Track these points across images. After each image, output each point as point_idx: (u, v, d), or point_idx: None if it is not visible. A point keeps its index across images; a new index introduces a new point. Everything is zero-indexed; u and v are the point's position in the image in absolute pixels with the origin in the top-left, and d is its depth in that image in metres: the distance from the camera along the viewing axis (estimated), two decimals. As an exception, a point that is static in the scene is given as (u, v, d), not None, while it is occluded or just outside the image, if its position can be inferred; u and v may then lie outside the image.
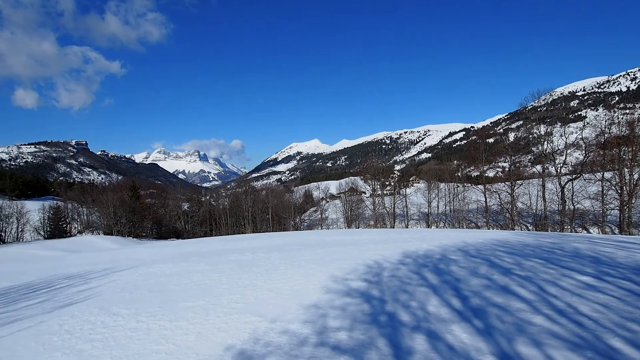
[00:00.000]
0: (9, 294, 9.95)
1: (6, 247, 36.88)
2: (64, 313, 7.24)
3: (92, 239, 42.53)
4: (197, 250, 18.15)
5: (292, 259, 11.40)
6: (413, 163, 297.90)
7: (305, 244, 16.56)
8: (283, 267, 10.04)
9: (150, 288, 8.91)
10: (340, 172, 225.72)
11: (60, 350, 5.29)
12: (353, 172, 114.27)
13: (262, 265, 10.74)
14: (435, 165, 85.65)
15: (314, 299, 6.77)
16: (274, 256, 12.51)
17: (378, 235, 18.43)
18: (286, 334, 5.28)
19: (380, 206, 47.49)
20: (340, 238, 18.31)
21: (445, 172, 48.63)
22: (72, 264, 16.99)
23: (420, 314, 5.64)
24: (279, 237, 23.83)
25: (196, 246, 21.81)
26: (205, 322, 6.00)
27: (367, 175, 54.33)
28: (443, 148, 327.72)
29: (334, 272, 8.74)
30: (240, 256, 13.30)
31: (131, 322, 6.31)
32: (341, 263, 9.84)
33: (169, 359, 4.74)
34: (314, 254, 12.39)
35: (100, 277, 11.33)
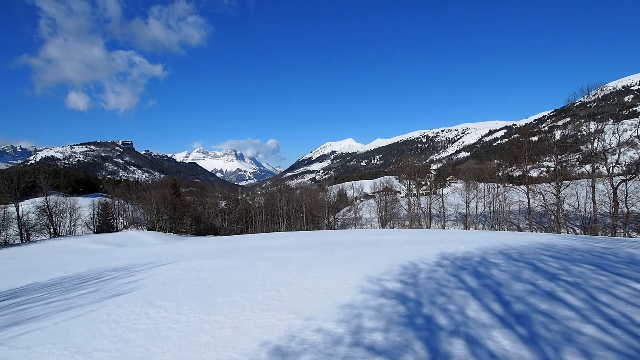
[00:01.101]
0: (62, 284, 10.67)
1: (60, 240, 39.68)
2: (111, 303, 7.66)
3: (136, 234, 44.75)
4: (233, 247, 18.62)
5: (326, 258, 11.42)
6: (450, 162, 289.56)
7: (339, 243, 16.54)
8: (317, 266, 10.08)
9: (190, 282, 9.24)
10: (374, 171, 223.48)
11: (109, 338, 5.60)
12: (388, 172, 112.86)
13: (297, 263, 10.84)
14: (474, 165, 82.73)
15: (348, 298, 6.74)
16: (308, 255, 12.59)
17: (413, 236, 18.08)
18: (320, 332, 5.29)
19: (415, 206, 46.55)
20: (374, 238, 18.13)
21: (484, 171, 46.81)
22: (118, 257, 17.96)
23: (458, 318, 5.47)
24: (312, 235, 23.96)
25: (233, 243, 22.39)
26: (242, 317, 6.14)
27: (402, 174, 53.39)
28: (482, 147, 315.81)
29: (368, 272, 8.66)
30: (275, 254, 13.50)
31: (172, 314, 6.57)
32: (376, 263, 9.74)
33: (208, 352, 4.89)
34: (348, 253, 12.35)
35: (144, 271, 11.89)
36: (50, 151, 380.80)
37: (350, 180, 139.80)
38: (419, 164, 57.42)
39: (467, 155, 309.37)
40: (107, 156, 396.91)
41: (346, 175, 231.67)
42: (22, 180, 44.43)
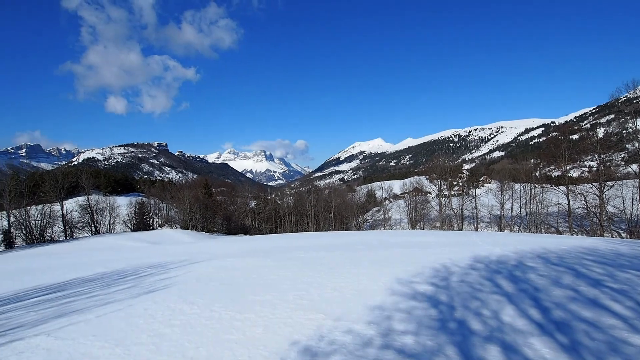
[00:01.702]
0: (103, 279, 11.21)
1: (101, 237, 41.73)
2: (147, 299, 7.97)
3: (170, 232, 46.33)
4: (263, 247, 18.90)
5: (356, 259, 11.37)
6: (483, 162, 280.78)
7: (368, 244, 16.42)
8: (346, 267, 10.05)
9: (222, 280, 9.46)
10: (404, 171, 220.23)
11: (146, 333, 5.83)
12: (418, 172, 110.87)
13: (326, 263, 10.85)
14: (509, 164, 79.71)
15: (378, 300, 6.68)
16: (337, 255, 12.57)
17: (445, 238, 17.66)
18: (350, 333, 5.27)
19: (447, 207, 45.46)
20: (404, 239, 17.87)
21: (520, 171, 44.98)
22: (153, 255, 18.67)
23: (493, 323, 5.29)
24: (341, 236, 23.93)
25: (263, 242, 22.74)
26: (272, 316, 6.22)
27: (433, 174, 52.24)
28: (518, 146, 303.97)
29: (398, 274, 8.54)
30: (305, 254, 13.58)
31: (205, 311, 6.75)
32: (406, 265, 9.58)
33: (239, 349, 4.98)
34: (377, 254, 12.24)
35: (178, 268, 12.28)
36: (92, 153, 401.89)
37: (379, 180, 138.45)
38: (450, 163, 55.91)
39: (502, 154, 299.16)
40: (144, 157, 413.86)
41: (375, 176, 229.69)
42: (66, 180, 47.08)
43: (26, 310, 7.66)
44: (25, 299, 8.93)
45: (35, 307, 7.89)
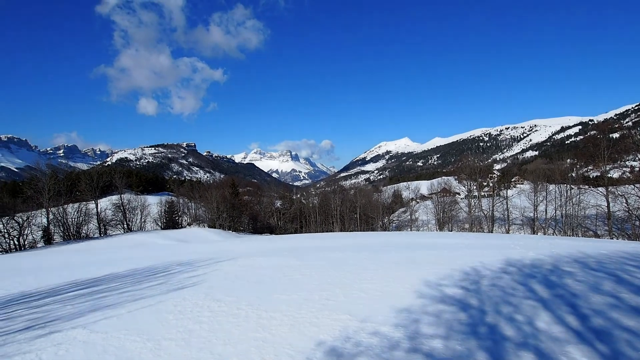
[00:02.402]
0: (134, 275, 11.59)
1: (132, 234, 43.27)
2: (177, 295, 8.16)
3: (198, 231, 47.46)
4: (289, 246, 19.01)
5: (382, 260, 11.22)
6: (516, 162, 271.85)
7: (394, 245, 16.19)
8: (372, 268, 9.93)
9: (248, 279, 9.57)
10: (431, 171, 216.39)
11: (175, 328, 5.96)
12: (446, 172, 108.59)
13: (352, 264, 10.76)
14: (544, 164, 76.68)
15: (405, 302, 6.55)
16: (363, 256, 12.46)
17: (475, 240, 17.17)
18: (377, 335, 5.18)
19: (476, 208, 44.24)
20: (432, 241, 17.51)
21: (555, 171, 43.09)
22: (182, 253, 19.16)
23: (527, 329, 5.06)
24: (367, 236, 23.74)
25: (288, 242, 22.87)
26: (298, 315, 6.21)
27: (461, 175, 50.92)
28: (553, 145, 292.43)
29: (426, 276, 8.35)
30: (330, 254, 13.54)
31: (233, 309, 6.83)
32: (434, 267, 9.36)
33: (266, 347, 5.00)
34: (404, 256, 12.03)
35: (206, 266, 12.53)
36: (124, 153, 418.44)
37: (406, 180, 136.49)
38: (480, 163, 54.32)
39: (535, 154, 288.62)
40: (173, 157, 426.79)
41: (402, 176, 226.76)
42: (100, 179, 49.15)
43: (63, 304, 8.01)
44: (63, 293, 9.34)
45: (72, 301, 8.24)
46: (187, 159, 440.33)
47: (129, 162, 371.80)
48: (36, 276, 12.96)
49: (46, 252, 30.96)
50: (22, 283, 11.39)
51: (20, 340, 5.78)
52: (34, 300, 8.60)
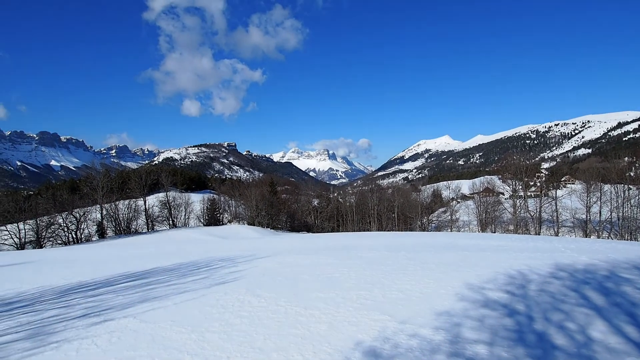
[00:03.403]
0: (179, 269, 12.13)
1: (177, 230, 45.28)
2: (219, 290, 8.44)
3: (238, 228, 48.80)
4: (326, 245, 19.07)
5: (421, 261, 10.97)
6: (566, 160, 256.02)
7: (434, 245, 15.79)
8: (411, 268, 9.74)
9: (287, 276, 9.71)
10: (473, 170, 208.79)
11: (218, 321, 6.17)
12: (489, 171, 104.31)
13: (390, 264, 10.62)
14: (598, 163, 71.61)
15: (446, 305, 6.37)
16: (402, 256, 12.25)
17: (520, 242, 16.34)
18: (416, 337, 5.08)
19: (522, 209, 42.09)
20: (474, 242, 16.88)
21: (611, 170, 40.02)
22: (223, 249, 19.78)
23: (580, 338, 4.76)
24: (405, 236, 23.31)
25: (325, 240, 22.95)
26: (336, 314, 6.22)
27: (506, 174, 48.64)
28: (608, 142, 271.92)
29: (468, 279, 8.07)
30: (368, 253, 13.44)
31: (271, 304, 6.97)
32: (476, 270, 9.03)
33: (304, 344, 5.06)
34: (444, 257, 11.70)
35: (246, 262, 12.86)
36: (170, 153, 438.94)
37: (446, 180, 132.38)
38: (526, 162, 51.57)
39: (588, 152, 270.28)
40: (215, 157, 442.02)
41: (441, 175, 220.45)
42: (148, 178, 51.93)
43: (116, 294, 8.54)
44: (115, 283, 9.96)
45: (123, 292, 8.77)
46: (228, 158, 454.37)
47: (174, 162, 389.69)
48: (92, 267, 13.91)
49: (100, 245, 33.15)
50: (79, 273, 12.26)
51: (79, 327, 6.23)
52: (90, 290, 9.24)
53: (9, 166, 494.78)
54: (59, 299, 8.38)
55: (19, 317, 7.00)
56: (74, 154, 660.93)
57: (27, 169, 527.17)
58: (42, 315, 7.04)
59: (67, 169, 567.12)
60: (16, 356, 5.12)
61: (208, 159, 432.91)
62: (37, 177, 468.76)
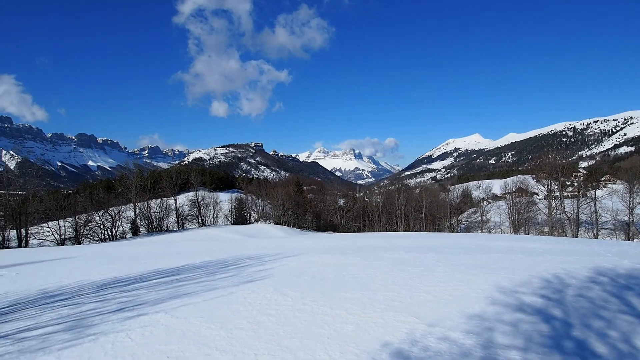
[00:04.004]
0: (208, 267, 12.39)
1: (206, 229, 46.42)
2: (246, 288, 8.56)
3: (265, 227, 49.48)
4: (352, 245, 18.99)
5: (450, 262, 10.71)
6: (606, 159, 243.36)
7: (463, 247, 15.39)
8: (440, 270, 9.52)
9: (313, 275, 9.72)
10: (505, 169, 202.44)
11: (245, 319, 6.25)
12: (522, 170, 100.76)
13: (418, 265, 10.43)
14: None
15: (477, 308, 6.17)
16: (429, 257, 12.01)
17: (556, 245, 15.66)
18: (446, 341, 4.95)
19: (558, 210, 40.37)
20: (506, 244, 16.32)
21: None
22: (250, 247, 20.08)
23: (624, 348, 4.49)
24: (433, 237, 22.86)
25: (351, 240, 22.87)
26: (363, 314, 6.16)
27: (541, 173, 46.78)
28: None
29: (500, 282, 7.80)
30: (394, 254, 13.26)
31: (298, 304, 6.99)
32: (509, 273, 8.71)
33: (331, 344, 5.03)
34: (474, 259, 11.37)
35: (273, 261, 12.99)
36: (199, 153, 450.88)
37: (476, 179, 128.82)
38: (563, 161, 49.38)
39: (631, 150, 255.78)
40: (242, 157, 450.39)
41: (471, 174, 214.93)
42: (179, 177, 53.56)
43: (148, 290, 8.82)
44: (148, 279, 10.30)
45: (155, 288, 9.05)
46: (255, 158, 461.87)
47: (203, 162, 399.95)
48: (126, 264, 14.46)
49: (133, 242, 34.48)
50: (115, 269, 12.77)
51: (114, 320, 6.47)
52: (125, 285, 9.59)
53: (50, 166, 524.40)
54: (96, 293, 8.76)
55: (60, 310, 7.36)
56: (109, 155, 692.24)
57: (66, 169, 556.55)
58: (80, 309, 7.37)
59: (103, 169, 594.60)
60: (57, 346, 5.38)
61: (236, 159, 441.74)
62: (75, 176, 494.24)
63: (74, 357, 5.03)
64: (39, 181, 44.00)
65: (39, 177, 44.46)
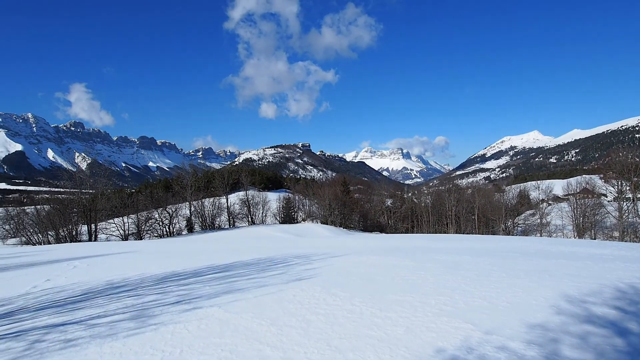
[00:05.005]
0: (258, 264, 12.72)
1: (255, 227, 47.81)
2: (295, 286, 8.67)
3: (312, 226, 49.94)
4: (400, 246, 18.60)
5: (507, 267, 10.11)
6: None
7: (521, 251, 14.47)
8: (496, 275, 9.02)
9: (361, 276, 9.63)
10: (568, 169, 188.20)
11: (295, 317, 6.33)
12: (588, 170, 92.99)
13: (471, 269, 9.96)
14: None
15: (539, 317, 5.75)
16: (484, 261, 11.42)
17: (629, 251, 14.22)
18: (505, 350, 4.65)
19: (630, 213, 36.73)
20: (570, 249, 15.12)
21: None
22: (298, 246, 20.35)
23: None
24: (487, 240, 21.75)
25: (400, 241, 22.41)
26: (414, 318, 5.98)
27: (610, 173, 42.83)
28: None
29: (565, 289, 7.22)
30: (446, 256, 12.79)
31: (347, 304, 6.95)
32: (575, 280, 8.04)
33: (381, 346, 4.94)
34: (534, 264, 10.64)
35: (320, 260, 13.05)
36: (249, 154, 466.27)
37: (535, 179, 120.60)
38: (636, 159, 44.87)
39: None
40: (290, 157, 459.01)
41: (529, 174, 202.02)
42: (230, 177, 55.72)
43: (203, 284, 9.24)
44: (203, 274, 10.79)
45: (209, 283, 9.45)
46: (302, 158, 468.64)
47: (252, 162, 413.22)
48: (182, 259, 15.28)
49: (188, 238, 36.38)
50: (172, 264, 13.54)
51: (172, 312, 6.85)
52: (182, 279, 10.13)
53: (116, 167, 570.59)
54: (156, 286, 9.32)
55: (124, 300, 7.93)
56: (167, 156, 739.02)
57: (130, 170, 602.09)
58: (142, 300, 7.89)
59: (162, 169, 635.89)
60: (123, 334, 5.79)
61: (284, 159, 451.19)
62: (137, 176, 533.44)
63: (138, 344, 5.39)
64: (107, 181, 47.85)
65: (106, 177, 48.29)
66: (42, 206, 44.60)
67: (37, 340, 5.72)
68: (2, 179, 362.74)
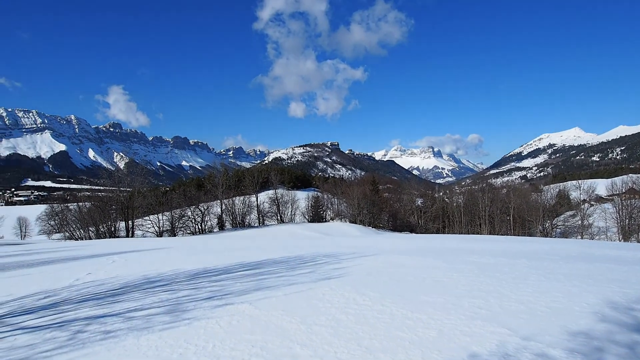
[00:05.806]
0: (287, 262, 12.82)
1: (284, 225, 48.27)
2: (324, 285, 8.66)
3: (341, 225, 49.79)
4: (432, 246, 18.20)
5: (546, 270, 9.65)
6: None
7: (561, 254, 13.78)
8: (534, 278, 8.63)
9: (391, 276, 9.49)
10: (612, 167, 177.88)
11: (324, 315, 6.32)
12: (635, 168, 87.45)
13: (507, 272, 9.58)
14: None
15: (582, 324, 5.44)
16: (521, 264, 10.96)
17: (682, 256, 13.23)
18: (545, 358, 4.44)
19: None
20: (615, 253, 14.25)
21: None
22: (327, 245, 20.33)
23: None
24: (524, 242, 20.89)
25: (431, 242, 21.94)
26: (447, 320, 5.82)
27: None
28: None
29: (611, 295, 6.80)
30: (480, 258, 12.38)
31: (377, 304, 6.86)
32: (621, 286, 7.57)
33: (413, 349, 4.83)
34: (575, 268, 10.10)
35: (349, 259, 12.98)
36: (278, 153, 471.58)
37: (576, 178, 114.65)
38: (689, 158, 41.73)
39: None
40: (319, 156, 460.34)
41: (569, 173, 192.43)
42: (260, 176, 56.58)
43: (234, 281, 9.41)
44: (233, 271, 11.00)
45: (240, 280, 9.62)
46: (331, 157, 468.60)
47: (281, 161, 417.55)
48: (214, 255, 15.66)
49: (220, 236, 37.26)
50: (204, 260, 13.90)
51: (205, 307, 7.02)
52: (213, 276, 10.37)
53: (152, 166, 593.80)
54: (189, 282, 9.60)
55: (160, 294, 8.22)
56: (199, 155, 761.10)
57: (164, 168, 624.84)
58: (176, 295, 8.14)
59: (195, 168, 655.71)
60: (159, 327, 6.00)
61: (312, 158, 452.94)
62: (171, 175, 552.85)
63: (173, 338, 5.56)
64: (143, 179, 49.95)
65: (143, 175, 50.42)
66: (84, 203, 47.15)
67: (79, 330, 6.02)
68: (48, 177, 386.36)
